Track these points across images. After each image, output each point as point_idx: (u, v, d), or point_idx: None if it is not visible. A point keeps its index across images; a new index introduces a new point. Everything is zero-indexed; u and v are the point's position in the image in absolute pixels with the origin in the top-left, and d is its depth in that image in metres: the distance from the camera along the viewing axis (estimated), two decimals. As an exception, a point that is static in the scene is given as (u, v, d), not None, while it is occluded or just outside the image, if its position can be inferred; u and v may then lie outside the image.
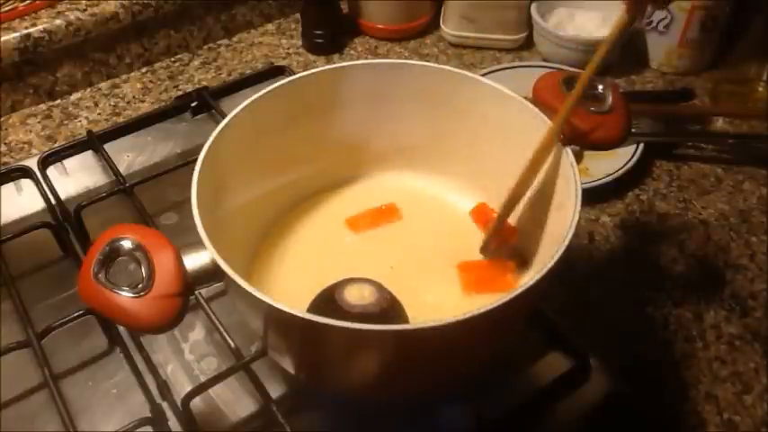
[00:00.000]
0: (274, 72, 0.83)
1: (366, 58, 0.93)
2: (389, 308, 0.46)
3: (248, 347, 0.54)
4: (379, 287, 0.47)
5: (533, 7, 0.91)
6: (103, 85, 0.90)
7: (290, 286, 0.54)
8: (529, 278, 0.41)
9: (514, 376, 0.55)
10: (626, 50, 0.90)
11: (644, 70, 0.91)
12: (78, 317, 0.56)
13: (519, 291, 0.40)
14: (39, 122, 0.84)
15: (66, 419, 0.50)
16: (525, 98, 0.53)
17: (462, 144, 0.59)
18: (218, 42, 0.97)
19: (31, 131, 0.83)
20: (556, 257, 0.41)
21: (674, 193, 0.75)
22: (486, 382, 0.53)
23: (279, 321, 0.43)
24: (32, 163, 0.71)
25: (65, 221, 0.66)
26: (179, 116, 0.80)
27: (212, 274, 0.43)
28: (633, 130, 0.54)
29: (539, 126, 0.51)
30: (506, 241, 0.57)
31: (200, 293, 0.56)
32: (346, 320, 0.40)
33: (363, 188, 0.62)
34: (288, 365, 0.49)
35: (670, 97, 0.87)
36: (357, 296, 0.46)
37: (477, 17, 0.92)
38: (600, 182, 0.72)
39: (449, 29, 0.95)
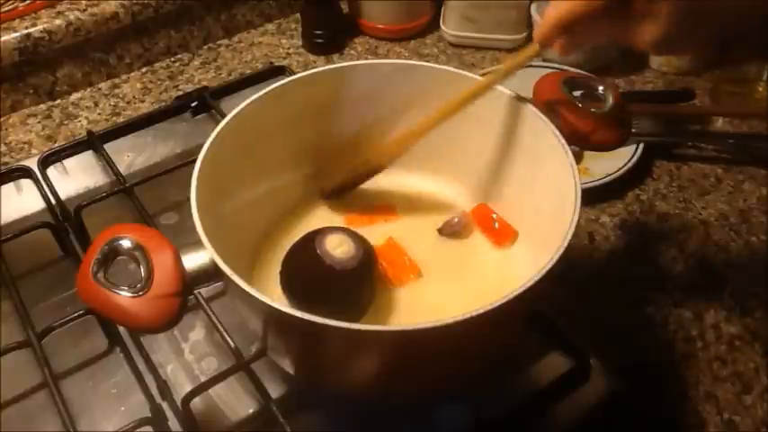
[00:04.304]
0: (274, 72, 0.83)
1: (366, 58, 0.93)
2: (367, 258, 0.49)
3: (248, 347, 0.54)
4: (355, 236, 0.49)
5: (533, 7, 0.91)
6: (103, 85, 0.90)
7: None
8: (528, 278, 0.41)
9: (514, 376, 0.55)
10: (626, 50, 0.90)
11: (644, 70, 0.91)
12: (78, 317, 0.56)
13: (519, 291, 0.40)
14: (39, 122, 0.84)
15: (66, 419, 0.50)
16: (525, 98, 0.52)
17: (462, 144, 0.59)
18: (218, 42, 0.97)
19: (31, 131, 0.83)
20: (556, 257, 0.41)
21: (674, 193, 0.75)
22: (486, 382, 0.53)
23: (278, 321, 0.43)
24: (32, 163, 0.71)
25: (65, 221, 0.66)
26: (179, 116, 0.80)
27: (211, 273, 0.43)
28: (633, 130, 0.54)
29: (539, 126, 0.51)
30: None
31: (200, 293, 0.56)
32: (328, 274, 0.45)
33: (363, 188, 0.62)
34: (287, 365, 0.49)
35: (670, 97, 0.87)
36: (337, 246, 0.48)
37: (477, 17, 0.92)
38: (600, 182, 0.72)
39: (449, 29, 0.95)
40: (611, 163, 0.73)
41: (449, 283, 0.55)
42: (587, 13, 0.47)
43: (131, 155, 0.76)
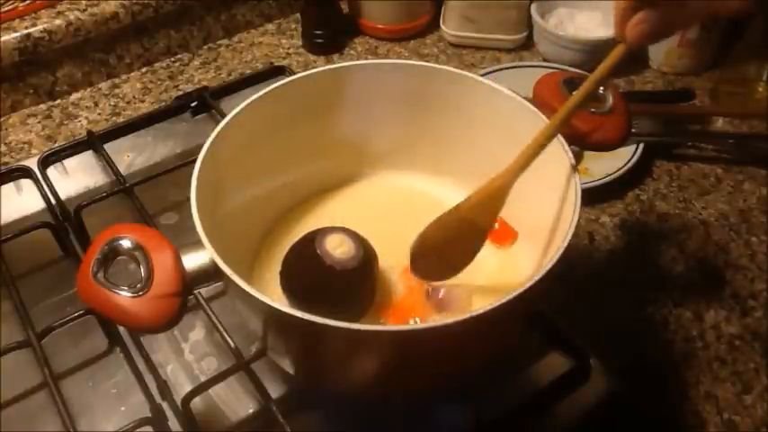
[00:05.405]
0: (274, 72, 0.83)
1: (366, 58, 0.93)
2: (367, 258, 0.49)
3: (248, 347, 0.54)
4: (355, 236, 0.49)
5: (533, 7, 0.91)
6: (103, 85, 0.90)
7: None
8: (528, 278, 0.41)
9: (514, 376, 0.55)
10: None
11: (644, 70, 0.91)
12: (78, 317, 0.56)
13: (519, 291, 0.40)
14: (39, 122, 0.84)
15: (66, 419, 0.50)
16: (525, 98, 0.52)
17: (462, 144, 0.59)
18: (218, 42, 0.97)
19: (31, 131, 0.83)
20: (556, 257, 0.41)
21: (674, 193, 0.75)
22: (486, 382, 0.53)
23: (278, 321, 0.43)
24: (32, 163, 0.71)
25: (65, 221, 0.66)
26: (179, 116, 0.80)
27: (211, 273, 0.43)
28: (633, 130, 0.54)
29: (539, 126, 0.51)
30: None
31: (200, 293, 0.56)
32: (328, 274, 0.45)
33: (363, 188, 0.62)
34: (287, 365, 0.49)
35: (670, 97, 0.87)
36: (337, 246, 0.48)
37: (477, 17, 0.92)
38: (600, 182, 0.72)
39: (449, 29, 0.95)
40: (611, 163, 0.73)
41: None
42: None
43: (131, 155, 0.76)
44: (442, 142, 0.59)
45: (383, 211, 0.61)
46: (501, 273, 0.56)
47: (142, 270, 0.43)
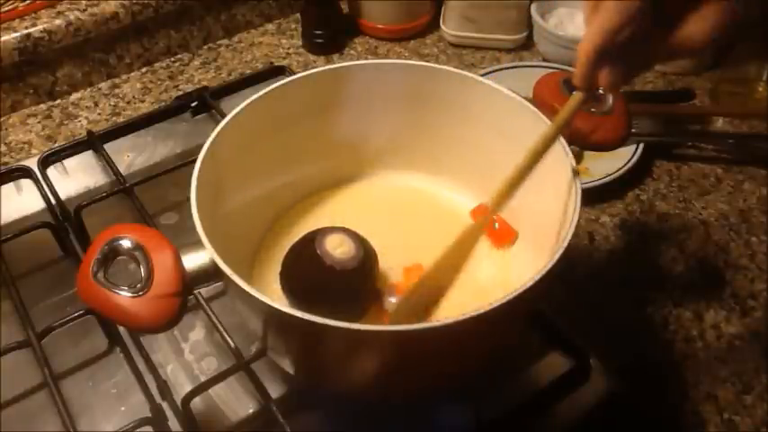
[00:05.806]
0: (274, 72, 0.83)
1: (366, 58, 0.93)
2: (367, 258, 0.49)
3: (248, 347, 0.54)
4: (355, 236, 0.49)
5: (533, 7, 0.91)
6: (103, 85, 0.90)
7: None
8: (528, 278, 0.41)
9: (514, 376, 0.55)
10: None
11: (644, 70, 0.91)
12: (78, 317, 0.56)
13: (519, 291, 0.40)
14: (39, 122, 0.84)
15: (66, 419, 0.50)
16: (525, 98, 0.53)
17: (462, 144, 0.59)
18: (218, 42, 0.97)
19: (31, 131, 0.83)
20: (556, 257, 0.41)
21: (674, 193, 0.75)
22: (486, 382, 0.53)
23: (278, 321, 0.43)
24: (32, 163, 0.71)
25: (65, 221, 0.66)
26: (179, 116, 0.80)
27: (211, 273, 0.43)
28: (633, 130, 0.54)
29: (538, 126, 0.51)
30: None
31: (200, 293, 0.56)
32: (328, 274, 0.46)
33: (363, 188, 0.63)
34: (287, 365, 0.50)
35: (670, 97, 0.87)
36: (337, 246, 0.48)
37: (477, 17, 0.92)
38: (600, 182, 0.72)
39: (449, 29, 0.95)
40: (611, 163, 0.73)
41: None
42: (623, 24, 0.41)
43: (131, 155, 0.76)
44: (441, 142, 0.59)
45: (383, 211, 0.61)
46: (501, 273, 0.56)
47: (142, 270, 0.43)
